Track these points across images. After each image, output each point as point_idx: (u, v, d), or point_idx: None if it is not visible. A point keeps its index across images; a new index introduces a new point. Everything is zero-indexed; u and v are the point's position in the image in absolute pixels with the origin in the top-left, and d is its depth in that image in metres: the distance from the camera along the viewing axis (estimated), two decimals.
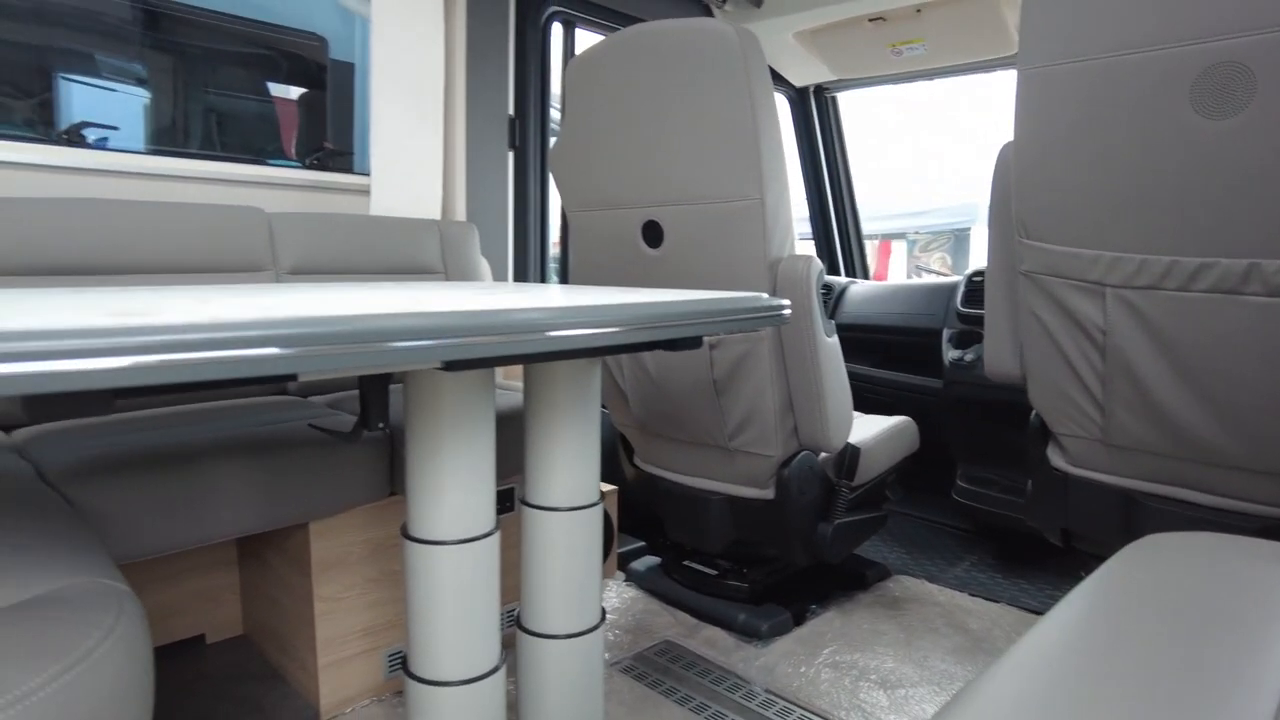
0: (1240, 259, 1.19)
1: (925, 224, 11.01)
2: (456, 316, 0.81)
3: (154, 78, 2.31)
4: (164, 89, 2.33)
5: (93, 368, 0.59)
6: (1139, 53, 1.21)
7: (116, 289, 1.26)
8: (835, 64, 3.11)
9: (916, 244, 11.43)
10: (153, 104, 2.33)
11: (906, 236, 11.21)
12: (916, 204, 10.94)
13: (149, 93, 2.32)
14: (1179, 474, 1.39)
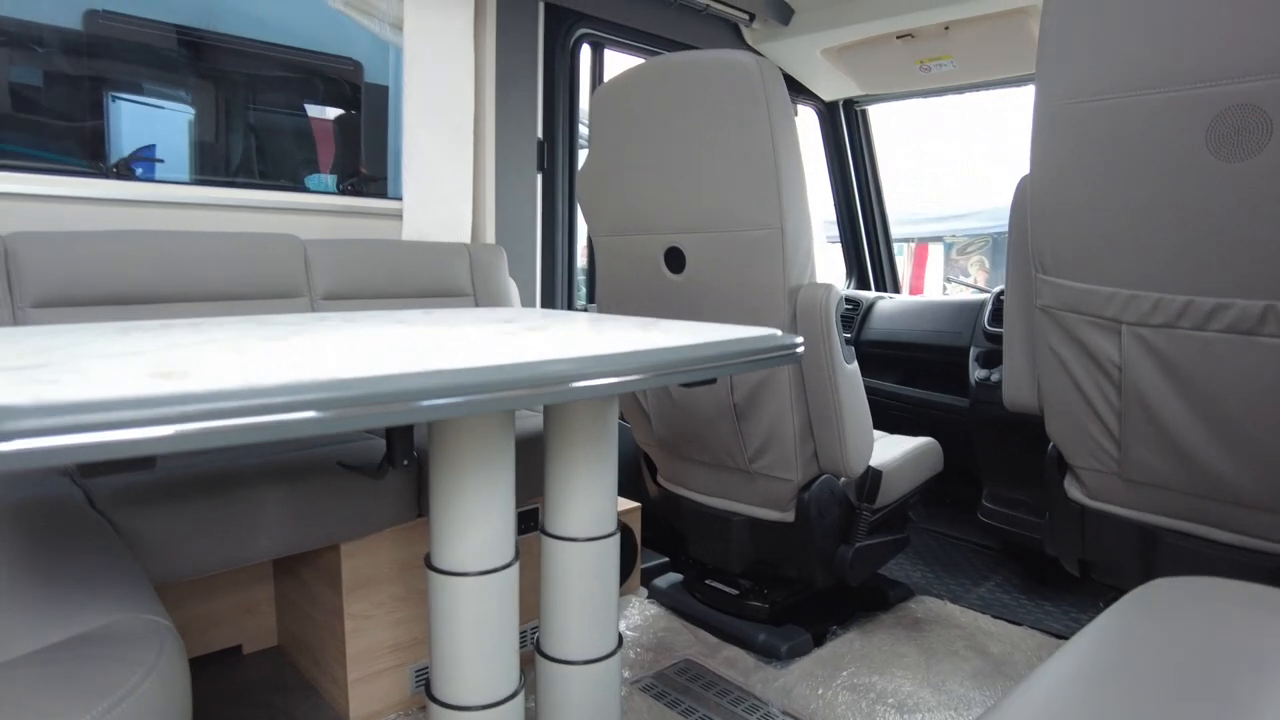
0: (1257, 300, 1.19)
1: (963, 227, 10.88)
2: (483, 373, 0.85)
3: (200, 102, 2.41)
4: (209, 113, 2.42)
5: (138, 437, 0.65)
6: (1154, 93, 1.22)
7: (159, 325, 1.33)
8: (863, 80, 3.11)
9: (954, 246, 11.31)
10: (198, 126, 2.43)
11: (944, 239, 11.10)
12: (954, 207, 10.82)
13: (195, 115, 2.41)
14: (1197, 510, 1.39)
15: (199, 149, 2.42)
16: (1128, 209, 1.29)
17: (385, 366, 0.85)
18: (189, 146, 2.42)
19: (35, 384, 0.73)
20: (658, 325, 1.44)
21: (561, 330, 1.29)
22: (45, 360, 0.87)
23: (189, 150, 2.42)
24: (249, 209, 1.99)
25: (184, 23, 2.29)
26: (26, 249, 1.57)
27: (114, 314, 1.63)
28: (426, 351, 0.98)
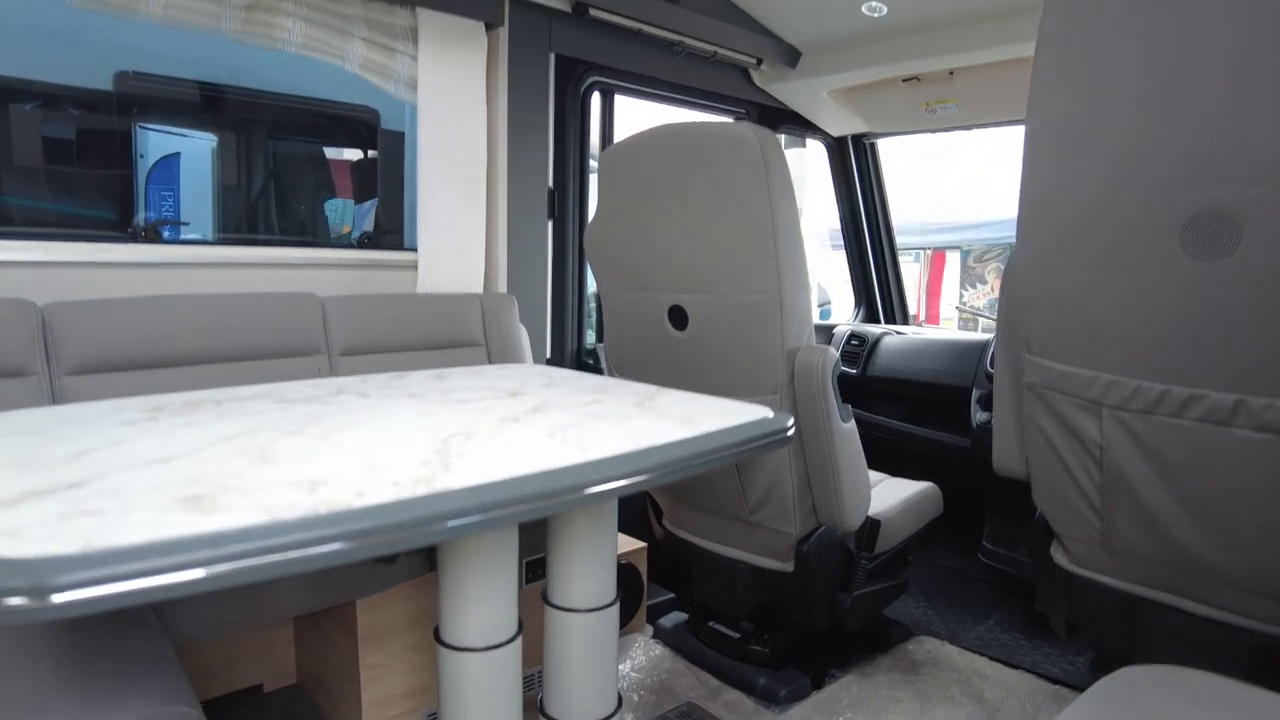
0: (1229, 394, 1.24)
1: (980, 237, 10.88)
2: (492, 490, 0.93)
3: (224, 149, 2.51)
4: (233, 160, 2.52)
5: (174, 582, 0.72)
6: (1134, 192, 1.27)
7: (184, 403, 1.41)
8: (870, 119, 3.16)
9: (971, 254, 11.30)
10: (222, 170, 2.52)
11: (961, 248, 11.10)
12: (971, 216, 10.82)
13: (219, 161, 2.51)
14: (1177, 584, 1.44)
15: (223, 191, 2.52)
16: (1108, 299, 1.34)
17: (399, 478, 0.93)
18: (213, 189, 2.52)
19: (80, 516, 0.81)
20: (657, 399, 1.51)
21: (561, 413, 1.36)
22: (83, 473, 0.95)
23: (213, 190, 2.51)
24: (270, 266, 2.08)
25: (207, 79, 2.38)
26: (62, 318, 1.67)
27: (144, 379, 1.71)
28: (438, 453, 1.05)
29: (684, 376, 2.01)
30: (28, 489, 0.89)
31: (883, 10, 2.52)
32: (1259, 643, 1.35)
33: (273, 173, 2.66)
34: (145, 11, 1.78)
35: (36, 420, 1.26)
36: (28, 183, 2.13)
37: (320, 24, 2.03)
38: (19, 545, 0.73)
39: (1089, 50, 1.30)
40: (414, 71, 2.20)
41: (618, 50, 2.63)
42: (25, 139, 2.15)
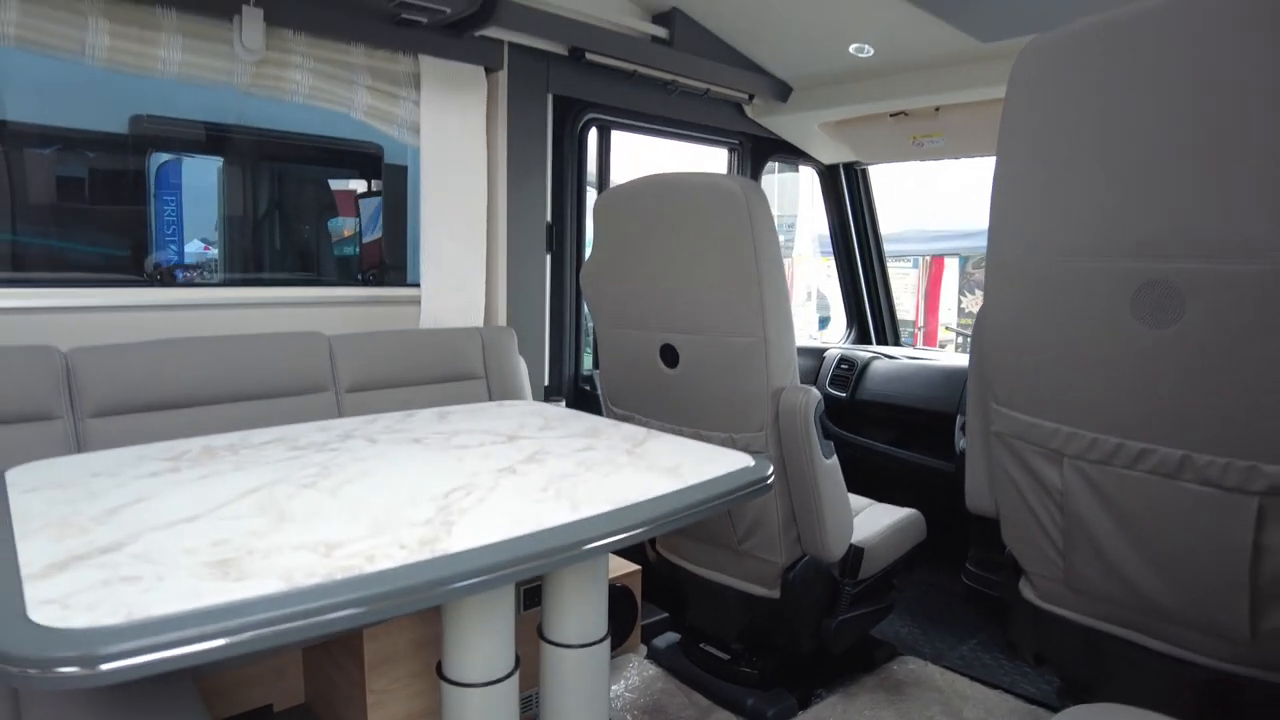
0: (1176, 449, 1.33)
1: (978, 245, 11.00)
2: (494, 551, 1.02)
3: (232, 182, 2.60)
4: (241, 193, 2.62)
5: (206, 648, 0.82)
6: (1089, 260, 1.36)
7: (200, 448, 1.51)
8: (859, 150, 3.25)
9: (969, 261, 11.41)
10: (232, 202, 2.62)
11: (960, 255, 11.21)
12: (969, 224, 10.93)
13: (229, 194, 2.61)
14: (1134, 621, 1.53)
15: (234, 222, 2.62)
16: (1067, 357, 1.43)
17: (405, 540, 1.03)
18: (221, 220, 2.62)
19: (120, 582, 0.91)
20: (647, 445, 1.61)
21: (556, 461, 1.45)
22: (117, 534, 1.05)
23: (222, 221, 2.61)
24: (278, 305, 2.17)
25: (216, 120, 2.48)
26: (85, 363, 1.76)
27: (162, 420, 1.80)
28: (441, 510, 1.15)
29: (676, 412, 2.10)
30: (69, 553, 0.99)
31: (869, 51, 2.61)
32: (1207, 677, 1.44)
33: (279, 205, 2.76)
34: (162, 70, 1.88)
35: (63, 472, 1.35)
36: (52, 223, 2.23)
37: (327, 75, 2.12)
38: (70, 615, 0.82)
39: (1051, 125, 1.39)
40: (417, 116, 2.29)
41: (613, 89, 2.73)
42: (47, 181, 2.25)
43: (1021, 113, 1.43)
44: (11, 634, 0.79)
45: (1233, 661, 1.41)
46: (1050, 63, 1.37)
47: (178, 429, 1.78)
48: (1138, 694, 1.55)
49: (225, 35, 1.95)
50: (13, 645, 0.78)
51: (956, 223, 10.83)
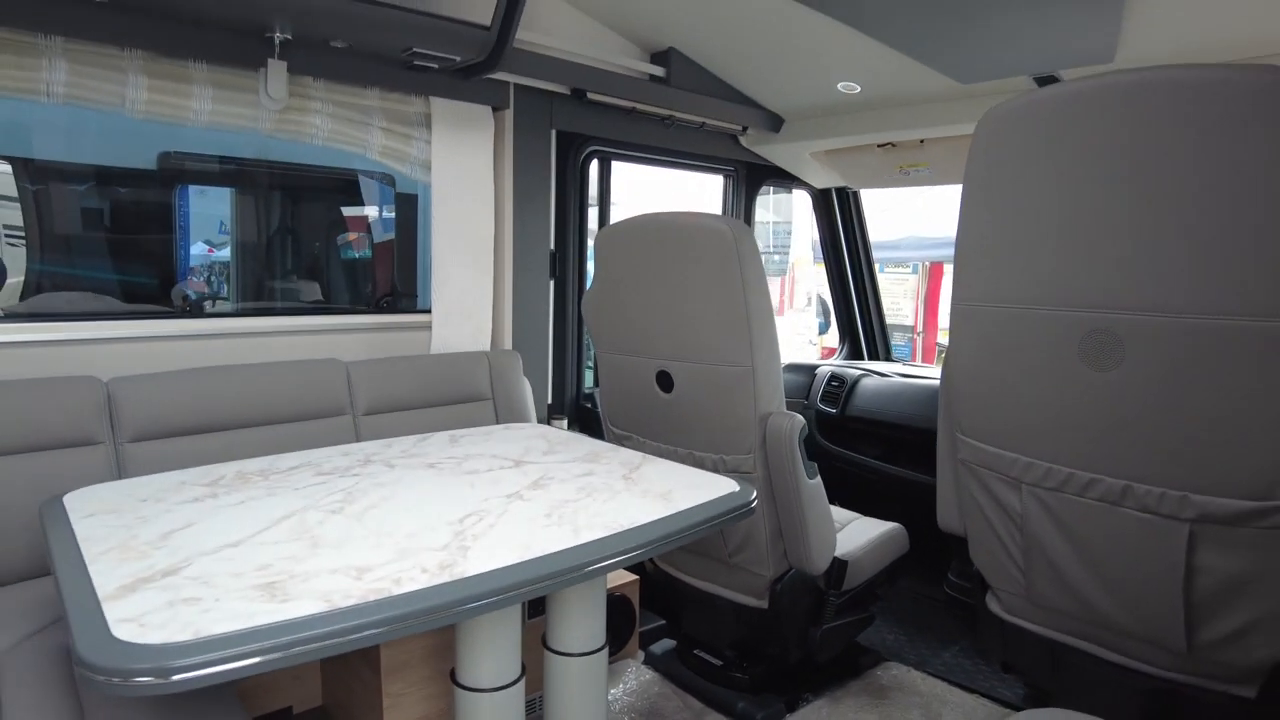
0: (1119, 479, 1.48)
1: None
2: (502, 575, 1.17)
3: (254, 208, 2.76)
4: (259, 219, 2.77)
5: (259, 661, 0.96)
6: (1041, 309, 1.51)
7: (234, 473, 1.65)
8: (849, 177, 3.40)
9: None
10: (252, 228, 2.77)
11: None
12: None
13: (249, 219, 2.76)
14: (1088, 633, 1.67)
15: (255, 247, 2.78)
16: (1023, 394, 1.57)
17: (426, 564, 1.17)
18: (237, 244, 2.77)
19: (183, 604, 1.05)
20: (643, 470, 1.75)
21: (558, 487, 1.60)
22: (173, 558, 1.20)
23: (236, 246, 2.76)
24: (298, 332, 2.32)
25: (237, 154, 2.63)
26: (124, 392, 1.91)
27: (195, 444, 1.95)
28: (456, 535, 1.29)
29: (671, 433, 2.24)
30: (135, 576, 1.13)
31: (856, 89, 2.76)
32: (1152, 685, 1.58)
33: (300, 232, 2.91)
34: (194, 120, 2.03)
35: (114, 498, 1.50)
36: (88, 254, 2.38)
37: (344, 118, 2.27)
38: (147, 633, 0.97)
39: (1008, 186, 1.54)
40: (428, 154, 2.44)
41: (613, 124, 2.87)
42: (82, 214, 2.40)
43: (982, 172, 1.57)
44: (100, 649, 0.94)
45: (1173, 670, 1.55)
46: (1008, 129, 1.52)
47: (210, 452, 1.93)
48: (1092, 700, 1.69)
49: (251, 85, 2.10)
50: (102, 658, 0.92)
51: (954, 230, 10.92)
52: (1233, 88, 1.24)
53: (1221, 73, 1.26)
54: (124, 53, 1.93)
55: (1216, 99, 1.26)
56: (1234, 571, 1.39)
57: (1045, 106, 1.46)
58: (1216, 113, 1.25)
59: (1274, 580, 1.36)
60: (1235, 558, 1.38)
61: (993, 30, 2.20)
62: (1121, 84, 1.36)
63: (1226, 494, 1.36)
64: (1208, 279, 1.30)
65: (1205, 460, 1.37)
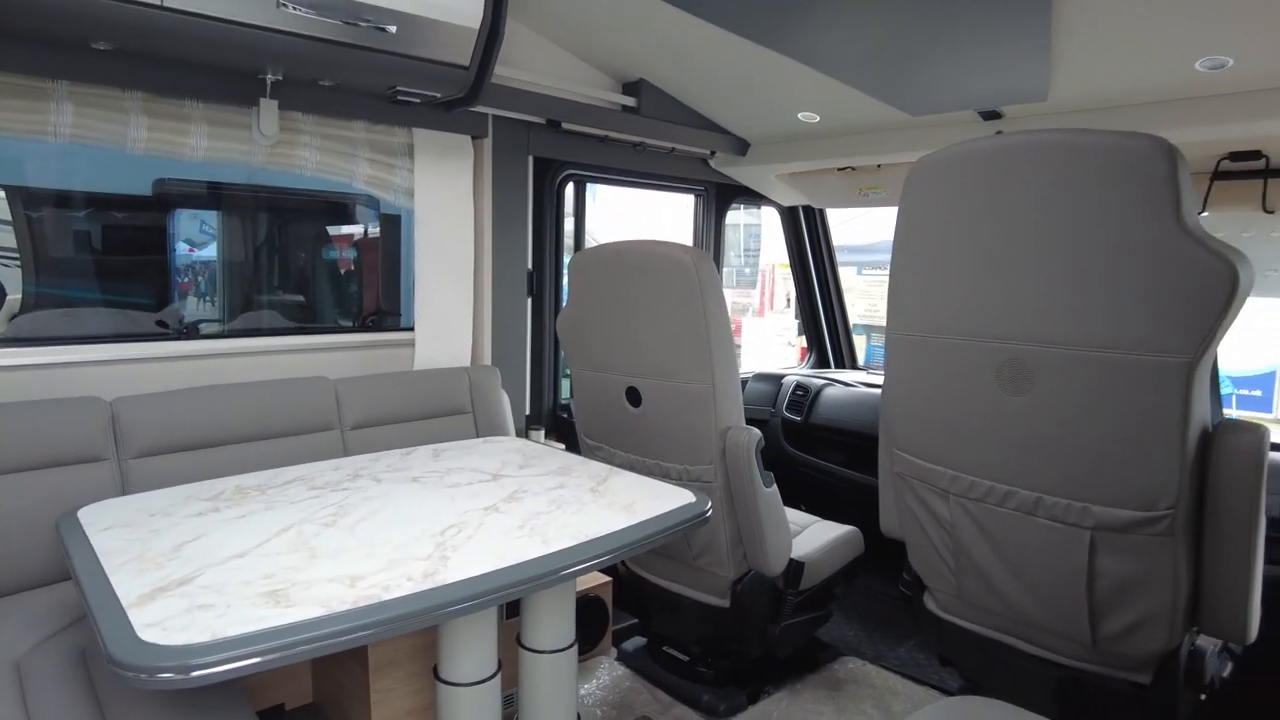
0: (1032, 492, 1.66)
1: None
2: (479, 582, 1.32)
3: (244, 231, 2.89)
4: (247, 240, 2.91)
5: (268, 659, 1.12)
6: (963, 339, 1.69)
7: (233, 488, 1.80)
8: (812, 197, 3.58)
9: None
10: (240, 248, 2.91)
11: None
12: None
13: (238, 241, 2.89)
14: (1011, 628, 1.85)
15: (244, 268, 2.91)
16: (949, 415, 1.75)
17: (412, 572, 1.33)
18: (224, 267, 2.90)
19: (199, 610, 1.21)
20: (610, 482, 1.92)
21: (532, 499, 1.76)
22: (186, 568, 1.35)
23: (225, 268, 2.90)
24: (288, 351, 2.47)
25: (227, 179, 2.76)
26: (128, 411, 2.04)
27: (195, 459, 2.08)
28: (439, 546, 1.45)
29: (640, 445, 2.41)
30: (154, 585, 1.28)
31: (816, 118, 2.93)
32: (1064, 673, 1.77)
33: (289, 254, 3.05)
34: (191, 155, 2.17)
35: (126, 512, 1.65)
36: (86, 278, 2.51)
37: (332, 150, 2.42)
38: (171, 636, 1.12)
39: (934, 229, 1.71)
40: (411, 182, 2.59)
41: (588, 150, 3.03)
42: (80, 240, 2.53)
43: (911, 216, 1.75)
44: (131, 650, 1.09)
45: (1082, 660, 1.74)
46: (932, 181, 1.69)
47: (208, 466, 2.07)
48: (1015, 687, 1.88)
49: (245, 122, 2.24)
50: (133, 658, 1.08)
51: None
52: (1096, 151, 1.43)
53: (1095, 138, 1.45)
54: (125, 94, 2.07)
55: (1091, 161, 1.44)
56: (1127, 573, 1.58)
57: (965, 161, 1.64)
58: (1093, 173, 1.44)
59: (1160, 581, 1.55)
60: (1127, 561, 1.57)
61: (938, 70, 2.39)
62: (1022, 143, 1.54)
63: (1120, 505, 1.55)
64: (1098, 318, 1.48)
65: (1102, 475, 1.55)
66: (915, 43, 2.25)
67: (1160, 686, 1.64)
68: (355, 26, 2.00)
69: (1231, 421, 1.52)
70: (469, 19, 2.17)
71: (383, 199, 2.59)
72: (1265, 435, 1.48)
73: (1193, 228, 1.38)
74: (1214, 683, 1.69)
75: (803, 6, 2.16)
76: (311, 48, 1.99)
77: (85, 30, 1.82)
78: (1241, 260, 1.37)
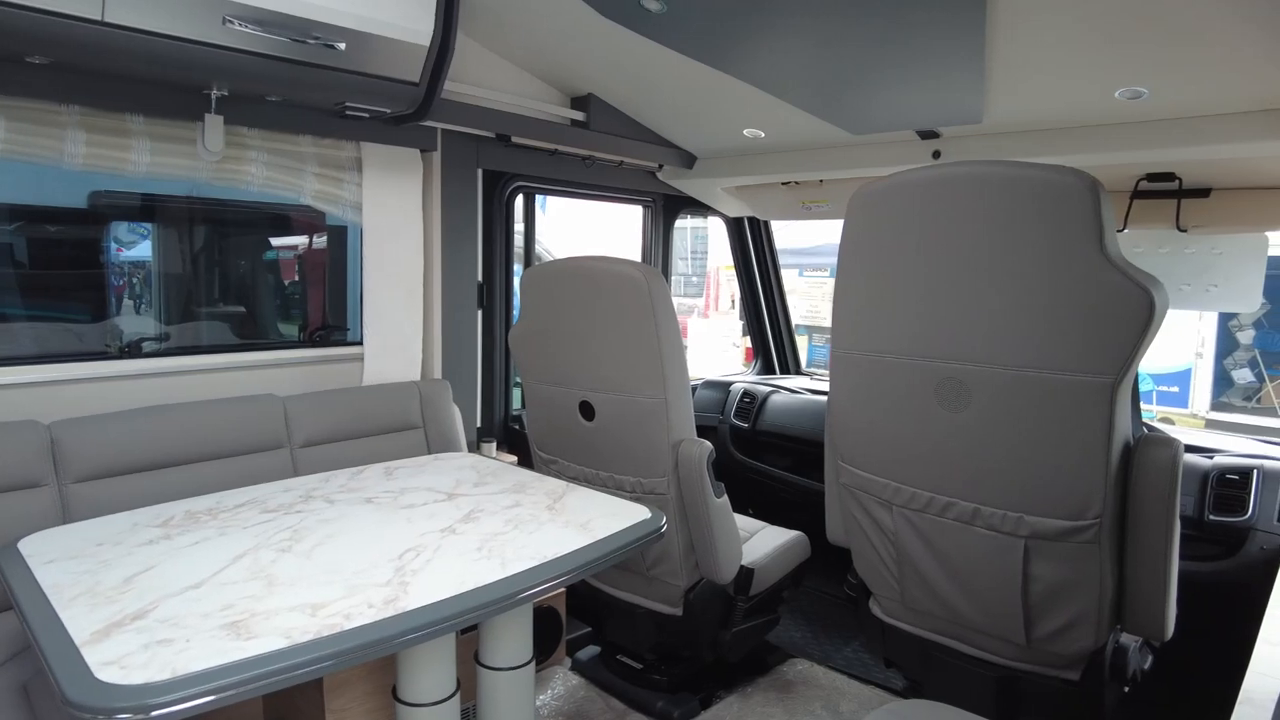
0: (970, 503, 1.75)
1: None
2: (437, 609, 1.34)
3: (183, 245, 2.83)
4: (186, 254, 2.85)
5: (231, 693, 1.12)
6: (904, 359, 1.76)
7: (183, 513, 1.77)
8: (757, 209, 3.66)
9: None
10: (178, 262, 2.84)
11: None
12: None
13: (177, 254, 2.83)
14: (951, 631, 1.94)
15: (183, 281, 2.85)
16: (891, 429, 1.83)
17: (372, 599, 1.34)
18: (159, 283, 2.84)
19: (158, 645, 1.20)
20: (566, 500, 1.95)
21: (488, 519, 1.78)
22: (140, 602, 1.33)
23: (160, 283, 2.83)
24: (235, 369, 2.42)
25: (167, 192, 2.70)
26: (67, 435, 1.98)
27: (139, 482, 2.03)
28: (398, 571, 1.46)
29: (594, 459, 2.44)
30: (108, 621, 1.27)
31: (761, 135, 3.01)
32: (1001, 673, 1.87)
33: (230, 267, 2.99)
34: (132, 171, 2.12)
35: (71, 542, 1.61)
36: (21, 295, 2.43)
37: (279, 166, 2.38)
38: (130, 674, 1.11)
39: (874, 254, 1.79)
40: (359, 196, 2.57)
41: (537, 163, 3.05)
42: (13, 256, 2.45)
43: (853, 241, 1.82)
44: (86, 691, 1.08)
45: (1017, 660, 1.84)
46: (873, 208, 1.77)
47: (154, 490, 2.03)
48: (955, 686, 1.98)
49: (189, 136, 2.20)
50: (89, 699, 1.07)
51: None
52: (1027, 184, 1.52)
53: (1028, 172, 1.54)
54: (62, 108, 2.01)
55: (1024, 193, 1.53)
56: (1058, 578, 1.68)
57: (900, 191, 1.71)
58: (1025, 205, 1.53)
59: (1086, 585, 1.65)
60: (1058, 567, 1.67)
61: (879, 92, 2.47)
62: (958, 175, 1.63)
63: (1051, 515, 1.64)
64: (1031, 340, 1.57)
65: (1035, 487, 1.65)
66: (857, 66, 2.33)
67: (1088, 682, 1.74)
68: (303, 44, 1.98)
69: (1150, 435, 1.63)
70: (419, 36, 2.17)
71: (331, 213, 2.57)
72: (1179, 448, 1.59)
73: (1114, 257, 1.47)
74: (1136, 676, 1.80)
75: (749, 30, 2.22)
76: (258, 64, 1.97)
77: (19, 45, 1.76)
78: (1157, 287, 1.47)
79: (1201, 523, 2.24)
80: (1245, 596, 2.08)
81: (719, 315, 10.61)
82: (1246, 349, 6.81)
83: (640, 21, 2.31)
